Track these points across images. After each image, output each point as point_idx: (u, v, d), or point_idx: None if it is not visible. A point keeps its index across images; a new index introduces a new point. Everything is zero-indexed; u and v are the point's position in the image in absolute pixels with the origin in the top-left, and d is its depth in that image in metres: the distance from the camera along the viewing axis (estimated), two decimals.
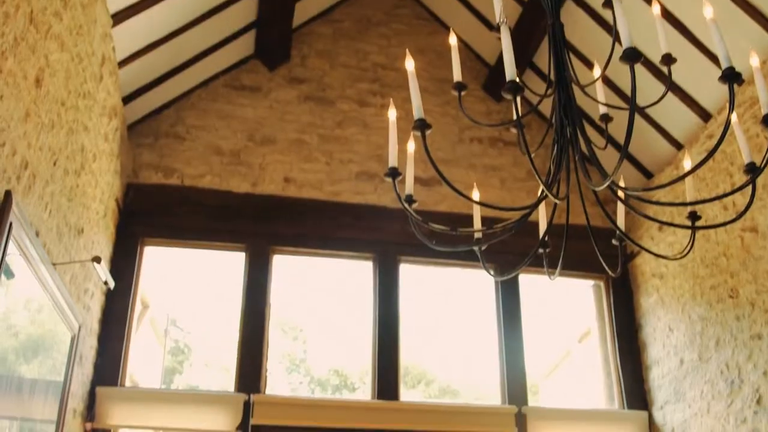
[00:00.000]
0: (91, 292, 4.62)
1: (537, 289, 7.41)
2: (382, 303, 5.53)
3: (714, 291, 4.87)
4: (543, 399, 7.35)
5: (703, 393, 4.86)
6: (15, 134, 3.07)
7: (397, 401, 5.31)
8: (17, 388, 3.34)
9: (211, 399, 5.18)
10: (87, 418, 4.71)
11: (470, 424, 5.30)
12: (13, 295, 3.23)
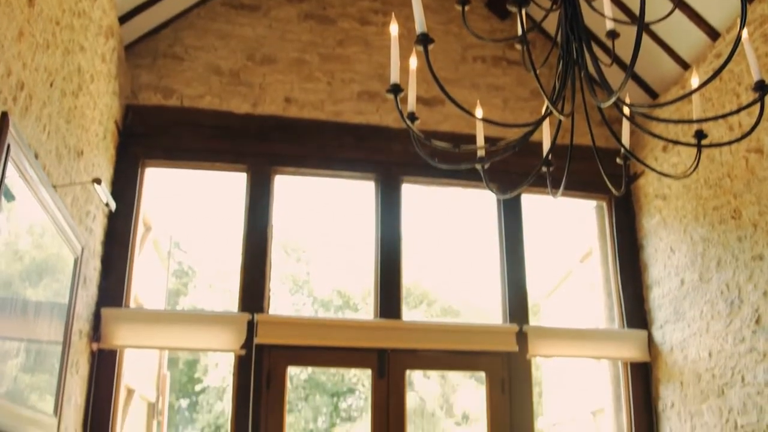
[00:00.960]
0: (92, 214, 4.61)
1: (539, 209, 7.41)
2: (385, 223, 5.54)
3: (717, 212, 4.86)
4: (544, 318, 7.43)
5: (703, 313, 4.91)
6: (9, 54, 3.01)
7: (400, 320, 5.36)
8: (23, 311, 3.37)
9: (215, 319, 5.24)
10: (93, 339, 4.77)
11: (471, 342, 5.37)
12: (15, 219, 3.22)
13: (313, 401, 22.77)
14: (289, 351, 5.18)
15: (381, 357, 5.25)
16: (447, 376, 22.14)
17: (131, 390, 5.31)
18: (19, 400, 3.38)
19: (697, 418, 4.90)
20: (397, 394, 5.23)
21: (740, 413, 4.47)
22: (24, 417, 3.42)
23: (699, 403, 4.89)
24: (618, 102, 2.07)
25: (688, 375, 5.03)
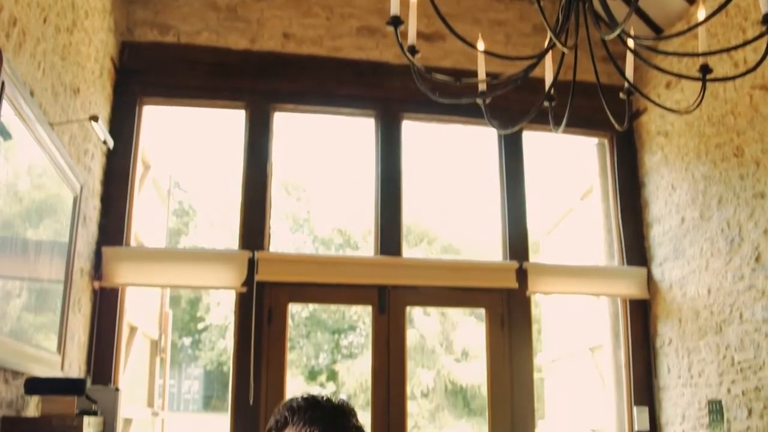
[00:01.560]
0: (91, 152, 4.58)
1: (540, 147, 7.37)
2: (385, 161, 5.51)
3: (719, 149, 4.83)
4: (544, 256, 7.46)
5: (703, 250, 4.91)
6: None
7: (400, 257, 5.38)
8: (23, 251, 3.37)
9: (215, 257, 5.26)
10: (94, 278, 4.78)
11: (471, 279, 5.39)
12: (14, 160, 3.20)
13: (314, 338, 23.04)
14: (290, 288, 5.21)
15: (381, 293, 5.29)
16: (447, 313, 22.34)
17: (134, 327, 5.34)
18: (23, 338, 3.41)
19: (694, 355, 4.95)
20: (397, 330, 5.28)
21: (737, 350, 4.51)
22: (28, 354, 3.45)
23: (697, 340, 4.94)
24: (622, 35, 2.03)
25: (687, 312, 5.07)
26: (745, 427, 4.39)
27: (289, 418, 1.49)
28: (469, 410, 23.42)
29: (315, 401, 1.51)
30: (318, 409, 1.49)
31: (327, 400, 1.53)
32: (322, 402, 1.52)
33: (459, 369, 22.78)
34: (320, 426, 1.45)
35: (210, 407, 27.00)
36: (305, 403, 1.51)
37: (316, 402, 1.51)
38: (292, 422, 1.48)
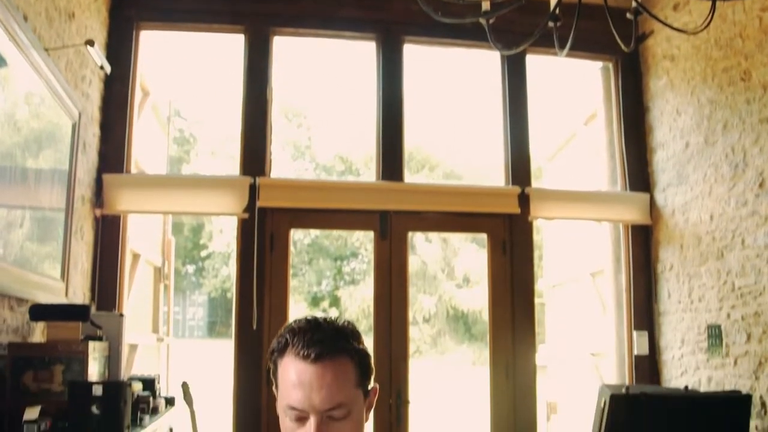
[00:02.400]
0: (88, 79, 4.52)
1: (544, 71, 7.27)
2: (386, 85, 5.43)
3: (726, 74, 4.75)
4: (547, 182, 7.43)
5: (706, 176, 4.88)
6: None
7: (402, 182, 5.35)
8: (23, 179, 3.35)
9: (216, 183, 5.24)
10: (96, 205, 4.77)
11: (473, 204, 5.38)
12: (11, 87, 3.16)
13: (316, 265, 23.24)
14: (292, 214, 5.21)
15: (383, 219, 5.28)
16: (448, 239, 22.46)
17: (137, 255, 5.36)
18: (27, 266, 3.42)
19: (695, 280, 4.97)
20: (399, 256, 5.29)
21: (738, 275, 4.52)
22: (32, 281, 3.47)
23: (698, 266, 4.95)
24: None
25: (689, 238, 5.07)
26: (744, 351, 4.43)
27: (289, 340, 1.48)
28: (470, 335, 23.78)
29: (317, 323, 1.50)
30: (319, 331, 1.48)
31: (329, 322, 1.51)
32: (324, 324, 1.50)
33: (460, 295, 23.03)
34: (319, 348, 1.44)
35: (214, 333, 27.45)
36: (307, 324, 1.49)
37: (317, 324, 1.50)
38: (292, 344, 1.47)
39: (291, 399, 1.45)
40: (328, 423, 1.44)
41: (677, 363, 5.14)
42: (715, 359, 4.71)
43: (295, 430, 1.46)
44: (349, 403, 1.46)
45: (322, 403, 1.43)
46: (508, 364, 5.30)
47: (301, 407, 1.44)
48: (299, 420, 1.45)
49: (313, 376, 1.43)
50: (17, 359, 3.07)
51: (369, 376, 1.54)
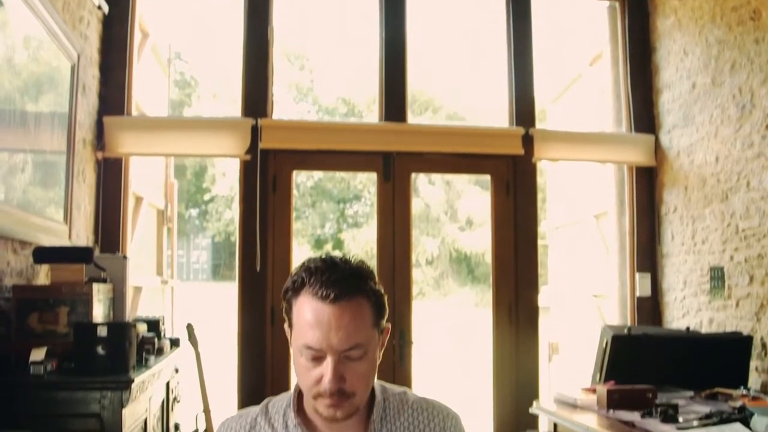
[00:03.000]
0: (86, 20, 4.45)
1: (549, 11, 7.15)
2: (389, 25, 5.34)
3: (735, 13, 4.66)
4: (551, 124, 7.37)
5: (713, 117, 4.83)
6: None
7: (405, 123, 5.31)
8: (23, 123, 3.33)
9: (218, 125, 5.20)
10: (97, 148, 4.75)
11: (477, 145, 5.34)
12: (10, 32, 3.11)
13: (320, 208, 23.27)
14: (294, 155, 5.18)
15: (386, 160, 5.25)
16: (452, 182, 22.44)
17: (139, 198, 5.35)
18: (30, 209, 3.42)
19: (698, 222, 4.96)
20: (402, 197, 5.28)
21: (742, 218, 4.51)
22: (35, 224, 3.47)
23: (702, 208, 4.94)
24: None
25: (693, 180, 5.04)
26: (746, 293, 4.44)
27: (306, 280, 1.47)
28: (473, 277, 23.93)
29: (333, 263, 1.49)
30: (336, 271, 1.47)
31: (345, 262, 1.51)
32: (340, 264, 1.49)
33: (463, 237, 23.11)
34: (337, 289, 1.44)
35: (218, 276, 27.64)
36: (323, 264, 1.48)
37: (334, 264, 1.49)
38: (309, 284, 1.46)
39: (308, 339, 1.45)
40: (345, 363, 1.45)
41: (679, 305, 5.17)
42: (717, 301, 4.73)
43: (311, 369, 1.46)
44: (365, 344, 1.47)
45: (339, 343, 1.43)
46: (511, 305, 5.33)
47: (318, 347, 1.44)
48: (315, 359, 1.46)
49: (331, 316, 1.43)
50: (22, 301, 3.08)
51: (383, 316, 1.55)
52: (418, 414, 1.61)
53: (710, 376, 3.85)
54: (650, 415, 3.20)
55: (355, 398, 1.48)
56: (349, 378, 1.46)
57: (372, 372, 1.52)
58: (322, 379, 1.45)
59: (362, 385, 1.49)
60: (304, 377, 1.49)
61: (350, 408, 1.48)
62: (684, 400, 3.56)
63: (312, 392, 1.48)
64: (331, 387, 1.44)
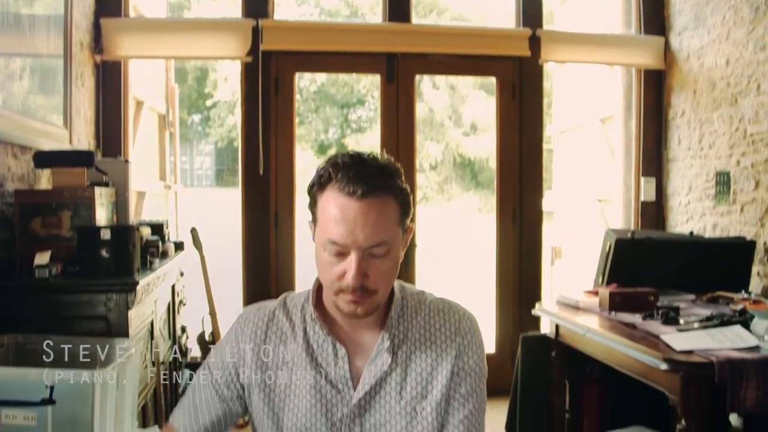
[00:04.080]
0: None
1: None
2: None
3: None
4: (559, 25, 7.20)
5: (725, 19, 4.70)
6: None
7: (410, 23, 5.19)
8: (17, 26, 3.25)
9: (219, 26, 5.09)
10: (95, 51, 4.66)
11: (483, 46, 5.22)
12: None
13: (323, 113, 23.10)
14: (296, 57, 5.09)
15: (390, 61, 5.15)
16: (456, 87, 22.18)
17: (140, 102, 5.28)
18: (29, 114, 3.38)
19: (706, 126, 4.89)
20: (406, 100, 5.21)
21: (751, 122, 4.44)
22: (36, 129, 3.44)
23: (710, 112, 4.86)
24: None
25: (702, 83, 4.95)
26: (751, 198, 4.42)
27: (333, 175, 1.44)
28: (476, 182, 23.96)
29: (361, 159, 1.46)
30: (363, 167, 1.44)
31: (373, 158, 1.48)
32: (369, 160, 1.47)
33: (467, 142, 23.02)
34: (364, 185, 1.41)
35: (222, 182, 27.71)
36: (351, 160, 1.45)
37: (362, 160, 1.46)
38: (336, 179, 1.43)
39: (333, 234, 1.43)
40: (369, 260, 1.45)
41: (683, 209, 5.16)
42: (721, 206, 4.71)
43: (334, 265, 1.46)
44: (389, 241, 1.46)
45: (365, 240, 1.42)
46: (515, 209, 5.33)
47: (343, 242, 1.43)
48: (339, 255, 1.45)
49: (357, 212, 1.41)
50: (24, 206, 3.07)
51: (408, 215, 1.53)
52: (435, 314, 1.61)
53: (712, 281, 3.86)
54: (651, 317, 3.23)
55: (377, 295, 1.48)
56: (372, 275, 1.45)
57: (394, 270, 1.52)
58: (345, 274, 1.44)
59: (384, 283, 1.49)
60: (326, 272, 1.49)
61: (371, 305, 1.49)
62: (685, 303, 3.59)
63: (334, 287, 1.48)
64: (354, 283, 1.43)
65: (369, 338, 1.58)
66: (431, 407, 1.55)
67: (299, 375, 1.56)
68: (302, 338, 1.58)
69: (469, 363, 1.59)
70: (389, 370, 1.55)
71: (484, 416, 1.62)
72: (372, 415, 1.55)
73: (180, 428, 1.61)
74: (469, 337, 1.60)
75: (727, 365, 2.56)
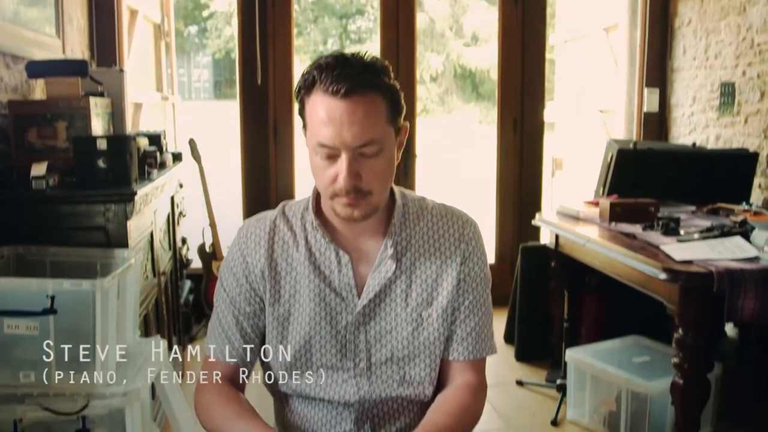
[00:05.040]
0: None
1: None
2: None
3: None
4: None
5: None
6: None
7: None
8: None
9: None
10: None
11: None
12: None
13: (322, 24, 22.71)
14: None
15: None
16: None
17: (134, 10, 5.16)
18: (21, 23, 3.30)
19: (713, 36, 4.79)
20: (406, 10, 5.11)
21: (759, 31, 4.34)
22: (27, 38, 3.37)
23: (717, 21, 4.75)
24: None
25: None
26: (755, 110, 4.36)
27: (317, 77, 1.41)
28: (477, 94, 23.73)
29: (344, 58, 1.42)
30: (347, 66, 1.40)
31: (357, 57, 1.44)
32: (352, 59, 1.43)
33: (468, 53, 22.69)
34: (348, 83, 1.37)
35: (220, 95, 27.43)
36: (334, 60, 1.41)
37: (345, 59, 1.42)
38: (320, 80, 1.40)
39: (321, 136, 1.40)
40: (360, 160, 1.42)
41: (686, 121, 5.10)
42: (725, 117, 4.66)
43: (326, 168, 1.44)
44: (380, 140, 1.42)
45: (353, 139, 1.39)
46: (516, 120, 5.29)
47: (331, 144, 1.40)
48: (330, 158, 1.42)
49: (343, 112, 1.38)
50: (19, 117, 3.03)
51: (400, 113, 1.49)
52: (438, 220, 1.59)
53: (713, 192, 3.85)
54: (651, 228, 3.23)
55: (372, 197, 1.46)
56: (365, 175, 1.43)
57: (389, 170, 1.48)
58: (338, 177, 1.42)
59: (378, 183, 1.46)
60: (320, 177, 1.46)
61: (367, 207, 1.46)
62: (686, 214, 3.59)
63: (329, 192, 1.45)
64: (347, 184, 1.41)
65: (372, 245, 1.56)
66: (437, 314, 1.55)
67: (303, 284, 1.55)
68: (304, 247, 1.56)
69: (475, 269, 1.58)
70: (394, 277, 1.54)
71: (492, 323, 1.63)
72: (377, 323, 1.55)
73: (220, 358, 1.58)
74: (474, 243, 1.59)
75: (726, 275, 2.57)
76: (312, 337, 1.54)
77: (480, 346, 1.59)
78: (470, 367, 1.58)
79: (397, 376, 1.56)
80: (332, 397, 1.56)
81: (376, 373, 1.55)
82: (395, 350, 1.55)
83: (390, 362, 1.55)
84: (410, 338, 1.54)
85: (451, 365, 1.59)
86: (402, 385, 1.56)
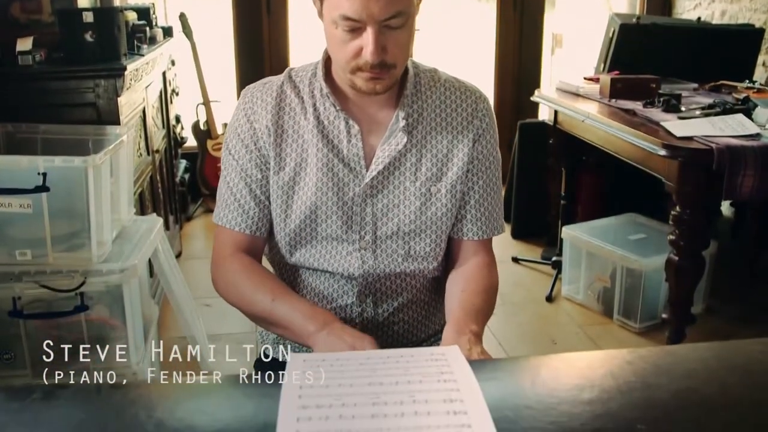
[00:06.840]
0: None
1: None
2: None
3: None
4: None
5: None
6: None
7: None
8: None
9: None
10: None
11: None
12: None
13: None
14: None
15: None
16: None
17: None
18: None
19: None
20: None
21: None
22: None
23: None
24: None
25: None
26: None
27: None
28: None
29: None
30: None
31: None
32: None
33: None
34: None
35: None
36: None
37: None
38: None
39: (345, 8, 1.31)
40: (385, 32, 1.34)
41: None
42: None
43: (348, 42, 1.36)
44: (406, 10, 1.34)
45: (380, 11, 1.30)
46: None
47: (357, 17, 1.31)
48: (354, 31, 1.34)
49: None
50: None
51: None
52: (451, 93, 1.54)
53: (716, 69, 3.76)
54: (652, 104, 3.18)
55: (395, 70, 1.40)
56: (390, 49, 1.36)
57: (411, 41, 1.42)
58: (362, 51, 1.35)
59: (402, 56, 1.40)
60: (340, 51, 1.38)
61: (390, 80, 1.41)
62: (688, 91, 3.52)
63: (350, 66, 1.38)
64: (373, 59, 1.34)
65: (383, 116, 1.50)
66: (446, 189, 1.51)
67: (310, 152, 1.49)
68: (312, 114, 1.49)
69: (488, 147, 1.54)
70: (404, 150, 1.49)
71: (502, 202, 1.61)
72: (385, 196, 1.50)
73: (235, 227, 1.53)
74: (487, 120, 1.54)
75: (726, 152, 2.54)
76: (318, 207, 1.49)
77: (492, 225, 1.57)
78: (483, 245, 1.57)
79: (402, 251, 1.53)
80: (336, 269, 1.53)
81: (381, 247, 1.52)
82: (402, 224, 1.51)
83: (396, 236, 1.52)
84: (418, 213, 1.51)
85: (464, 244, 1.57)
86: (407, 259, 1.53)
